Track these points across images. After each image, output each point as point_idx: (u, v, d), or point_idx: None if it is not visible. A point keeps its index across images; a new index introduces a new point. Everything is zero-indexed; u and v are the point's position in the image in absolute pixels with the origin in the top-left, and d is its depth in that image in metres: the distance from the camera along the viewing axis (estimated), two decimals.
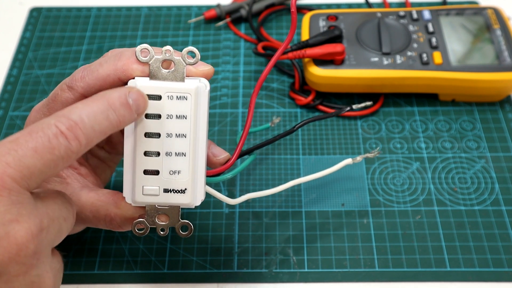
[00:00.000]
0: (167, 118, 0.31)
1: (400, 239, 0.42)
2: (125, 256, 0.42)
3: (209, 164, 0.35)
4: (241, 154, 0.36)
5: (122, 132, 0.38)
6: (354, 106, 0.41)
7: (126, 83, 0.31)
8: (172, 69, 0.31)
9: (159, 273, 0.41)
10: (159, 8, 0.61)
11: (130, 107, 0.28)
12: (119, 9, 0.61)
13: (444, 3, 0.59)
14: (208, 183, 0.33)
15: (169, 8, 0.61)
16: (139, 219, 0.32)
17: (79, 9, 0.61)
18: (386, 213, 0.44)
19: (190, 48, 0.31)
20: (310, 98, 0.50)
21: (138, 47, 0.30)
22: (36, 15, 0.60)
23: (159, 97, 0.30)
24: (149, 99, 0.30)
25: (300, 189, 0.46)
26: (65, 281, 0.41)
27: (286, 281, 0.41)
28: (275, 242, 0.43)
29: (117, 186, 0.46)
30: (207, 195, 0.33)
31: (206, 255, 0.42)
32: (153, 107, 0.30)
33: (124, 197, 0.32)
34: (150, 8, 0.61)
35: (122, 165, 0.46)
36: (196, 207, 0.33)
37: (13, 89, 0.53)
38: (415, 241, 0.42)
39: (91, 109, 0.27)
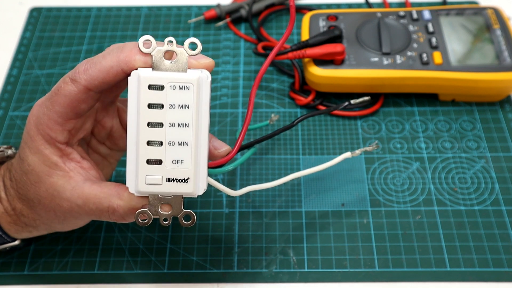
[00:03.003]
0: (169, 108, 0.31)
1: (400, 239, 0.42)
2: (125, 256, 0.42)
3: (210, 157, 0.35)
4: (241, 148, 0.36)
5: (124, 126, 0.38)
6: (352, 101, 0.41)
7: (129, 75, 0.31)
8: (175, 60, 0.31)
9: (159, 273, 0.41)
10: (159, 8, 0.61)
11: None
12: (119, 9, 0.61)
13: (444, 3, 0.60)
14: (209, 175, 0.33)
15: (169, 8, 0.61)
16: (142, 209, 0.32)
17: (79, 9, 0.61)
18: (386, 213, 0.44)
19: (192, 39, 0.31)
20: (310, 98, 0.50)
21: (141, 38, 0.30)
22: (36, 15, 0.60)
23: (161, 87, 0.30)
24: (151, 89, 0.30)
25: (300, 189, 0.46)
26: (65, 281, 0.41)
27: (286, 281, 0.41)
28: (275, 242, 0.43)
29: None
30: (209, 190, 0.33)
31: (206, 255, 0.42)
32: (155, 97, 0.30)
33: (127, 188, 0.32)
34: (150, 8, 0.61)
35: (123, 165, 0.46)
36: (196, 202, 0.33)
37: (13, 89, 0.53)
38: (415, 241, 0.42)
39: None
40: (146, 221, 0.32)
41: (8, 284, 0.41)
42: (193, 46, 0.31)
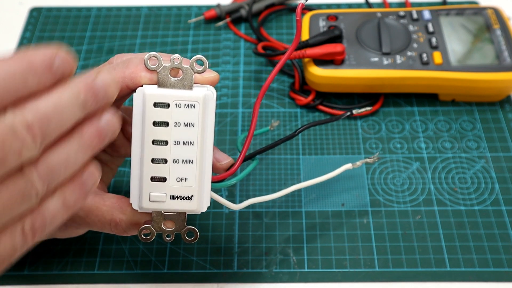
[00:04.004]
0: (175, 125, 0.30)
1: (400, 239, 0.42)
2: (125, 256, 0.42)
3: (213, 169, 0.35)
4: (243, 160, 0.36)
5: (125, 135, 0.38)
6: (354, 111, 0.41)
7: (134, 91, 0.31)
8: (181, 77, 0.31)
9: (159, 273, 0.41)
10: (159, 8, 0.61)
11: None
12: (119, 9, 0.61)
13: (444, 3, 0.59)
14: (211, 189, 0.33)
15: (169, 8, 0.61)
16: (145, 225, 0.32)
17: (79, 9, 0.61)
18: (386, 213, 0.44)
19: (199, 56, 0.31)
20: (310, 98, 0.50)
21: (147, 55, 0.30)
22: (36, 15, 0.60)
23: (167, 105, 0.30)
24: (157, 107, 0.30)
25: (300, 189, 0.45)
26: (65, 281, 0.41)
27: (286, 281, 0.41)
28: (275, 242, 0.43)
29: (117, 187, 0.46)
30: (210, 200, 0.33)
31: (206, 255, 0.42)
32: (161, 115, 0.30)
33: (130, 203, 0.32)
34: (150, 8, 0.61)
35: (123, 165, 0.46)
36: None
37: None
38: (415, 241, 0.42)
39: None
40: (149, 236, 0.32)
41: (8, 284, 0.41)
42: (200, 62, 0.31)
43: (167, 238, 0.32)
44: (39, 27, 0.59)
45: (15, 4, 0.62)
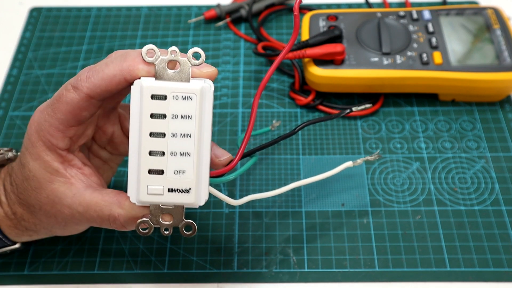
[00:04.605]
0: (172, 118, 0.31)
1: (400, 239, 0.42)
2: (125, 256, 0.42)
3: (212, 165, 0.35)
4: (243, 156, 0.36)
5: (125, 132, 0.38)
6: (353, 108, 0.41)
7: (132, 83, 0.31)
8: (178, 70, 0.31)
9: (159, 273, 0.41)
10: (159, 8, 0.61)
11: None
12: (119, 9, 0.61)
13: (444, 3, 0.60)
14: (210, 184, 0.33)
15: (169, 8, 0.61)
16: (143, 219, 0.32)
17: (79, 9, 0.61)
18: (386, 213, 0.44)
19: (196, 49, 0.31)
20: (310, 98, 0.50)
21: (144, 47, 0.30)
22: (36, 15, 0.60)
23: (164, 97, 0.30)
24: (154, 99, 0.30)
25: (300, 189, 0.46)
26: (65, 281, 0.41)
27: (286, 281, 0.41)
28: (275, 242, 0.43)
29: (117, 186, 0.46)
30: (209, 195, 0.33)
31: (206, 255, 0.42)
32: (158, 107, 0.30)
33: (128, 197, 0.32)
34: (150, 8, 0.61)
35: (122, 164, 0.46)
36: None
37: (13, 89, 0.53)
38: (415, 241, 0.42)
39: None
40: (147, 230, 0.32)
41: (8, 284, 0.41)
42: (196, 55, 0.31)
43: (165, 232, 0.32)
44: (39, 27, 0.59)
45: (15, 4, 0.62)
